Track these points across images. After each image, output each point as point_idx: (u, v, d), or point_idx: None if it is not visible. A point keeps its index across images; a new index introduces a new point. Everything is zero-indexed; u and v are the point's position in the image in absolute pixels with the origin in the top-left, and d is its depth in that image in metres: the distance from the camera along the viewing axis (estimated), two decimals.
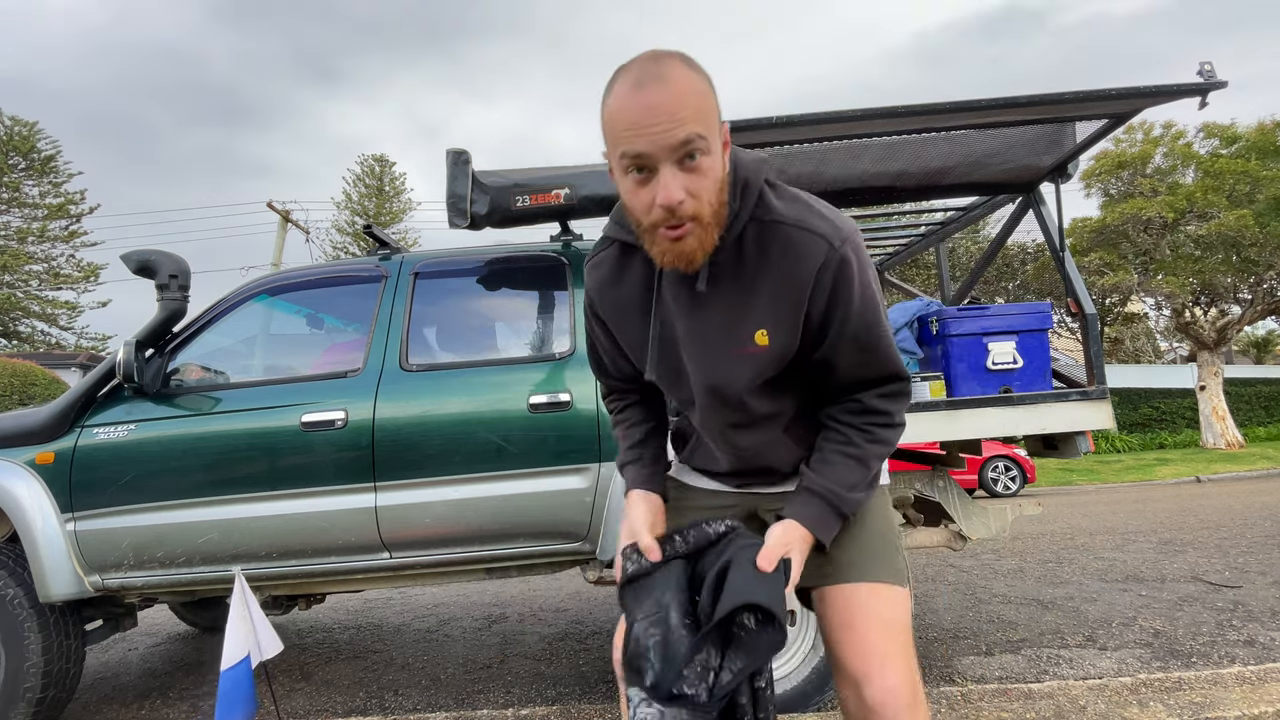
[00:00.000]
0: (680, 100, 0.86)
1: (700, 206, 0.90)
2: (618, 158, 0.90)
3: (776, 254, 0.99)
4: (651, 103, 0.85)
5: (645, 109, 0.85)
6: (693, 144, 0.86)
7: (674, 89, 0.86)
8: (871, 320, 1.02)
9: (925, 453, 3.34)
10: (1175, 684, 2.35)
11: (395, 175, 32.09)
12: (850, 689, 1.06)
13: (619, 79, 0.90)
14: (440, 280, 2.79)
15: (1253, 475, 12.38)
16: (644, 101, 0.86)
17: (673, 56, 0.90)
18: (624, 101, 0.87)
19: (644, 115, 0.85)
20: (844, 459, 1.07)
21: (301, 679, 3.22)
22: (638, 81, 0.87)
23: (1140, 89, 2.19)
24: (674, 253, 0.94)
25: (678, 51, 0.92)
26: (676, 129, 0.85)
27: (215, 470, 2.47)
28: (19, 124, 26.61)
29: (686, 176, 0.88)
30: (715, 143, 0.90)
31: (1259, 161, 14.57)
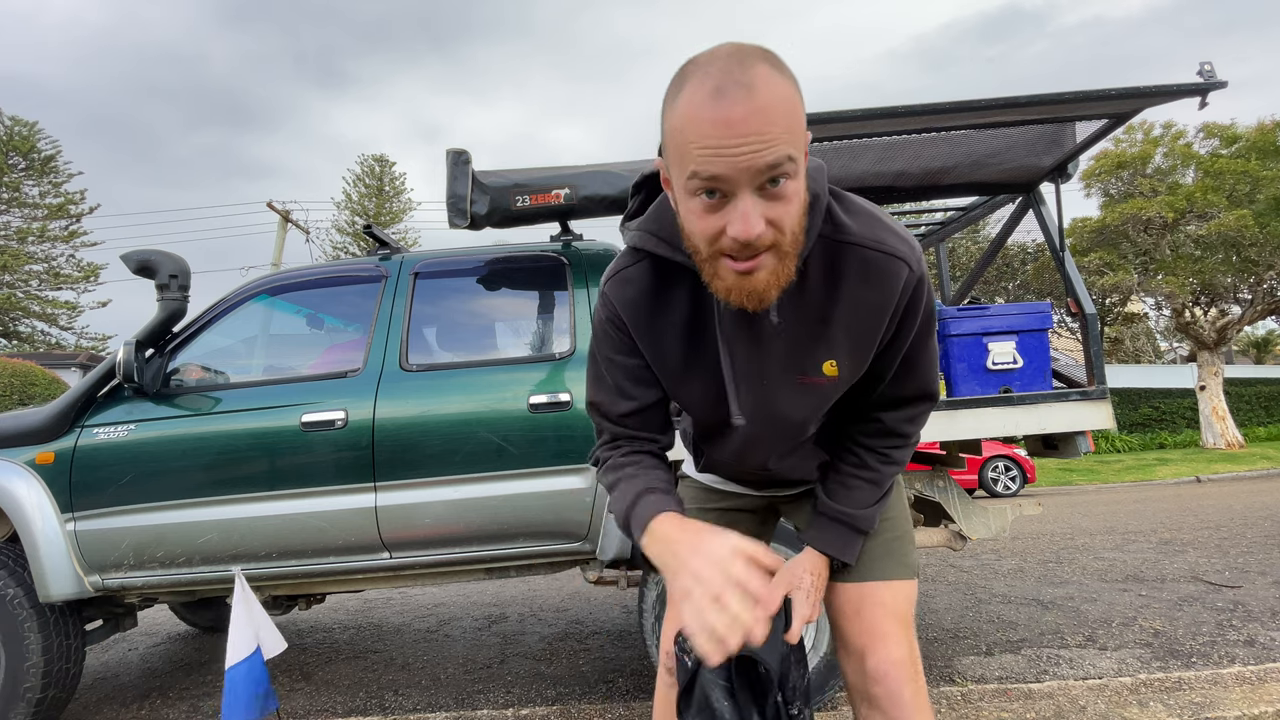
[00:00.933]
0: (769, 117, 0.71)
1: (781, 237, 0.77)
2: (685, 175, 0.75)
3: (853, 279, 0.89)
4: (736, 118, 0.71)
5: (727, 126, 0.71)
6: (780, 168, 0.73)
7: (762, 101, 0.71)
8: (927, 340, 0.99)
9: (925, 453, 3.34)
10: (1175, 684, 2.35)
11: (395, 175, 32.10)
12: (853, 662, 1.09)
13: (693, 79, 0.74)
14: (440, 280, 2.79)
15: (1253, 475, 12.38)
16: (727, 116, 0.71)
17: (759, 57, 0.74)
18: (700, 111, 0.72)
19: (726, 134, 0.71)
20: (860, 482, 1.06)
21: (301, 679, 3.22)
22: (719, 89, 0.71)
23: (1140, 89, 2.19)
24: (742, 289, 0.80)
25: (763, 49, 0.76)
26: (764, 152, 0.71)
27: (215, 470, 2.47)
28: (19, 124, 26.62)
29: (768, 204, 0.74)
30: (802, 162, 0.76)
31: (1259, 161, 14.57)
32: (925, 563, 5.18)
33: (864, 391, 1.04)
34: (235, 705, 2.00)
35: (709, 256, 0.79)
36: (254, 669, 2.05)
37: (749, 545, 0.80)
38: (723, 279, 0.80)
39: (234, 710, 1.99)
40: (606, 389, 1.03)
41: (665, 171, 0.82)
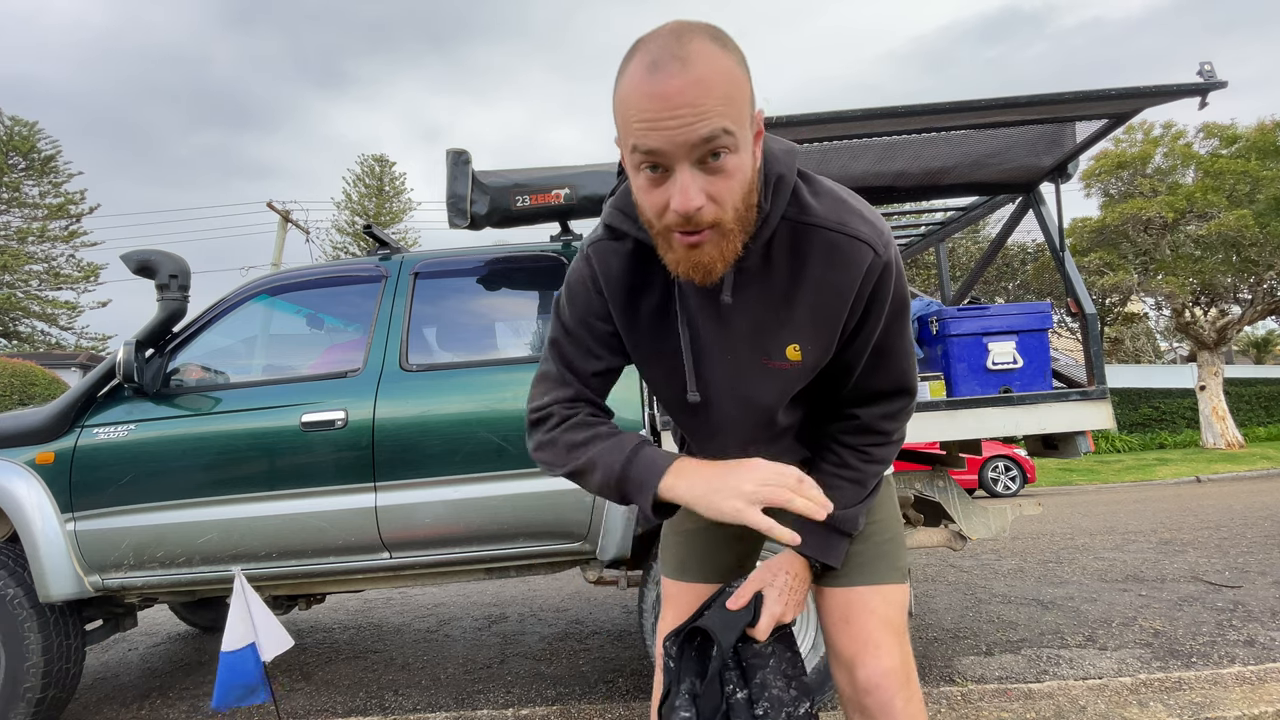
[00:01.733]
0: (704, 88, 0.71)
1: (722, 212, 0.77)
2: (629, 150, 0.76)
3: (816, 262, 0.88)
4: (668, 91, 0.71)
5: (663, 99, 0.71)
6: (717, 141, 0.73)
7: (696, 73, 0.71)
8: (898, 329, 0.96)
9: (925, 453, 3.34)
10: (1175, 684, 2.35)
11: (395, 175, 32.10)
12: (844, 673, 1.06)
13: (634, 56, 0.75)
14: (440, 280, 2.79)
15: (1253, 475, 12.38)
16: (660, 89, 0.71)
17: (699, 30, 0.74)
18: (638, 85, 0.73)
19: (661, 106, 0.71)
20: (842, 482, 1.02)
21: (301, 679, 3.22)
22: (654, 63, 0.72)
23: (1140, 89, 2.19)
24: (689, 262, 0.81)
25: (706, 24, 0.76)
26: (698, 124, 0.71)
27: (215, 470, 2.47)
28: (19, 124, 26.62)
29: (708, 178, 0.75)
30: (745, 136, 0.76)
31: (1259, 161, 14.57)
32: (925, 563, 5.18)
33: (837, 384, 1.01)
34: (221, 688, 2.02)
35: (660, 231, 0.81)
36: (243, 661, 2.06)
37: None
38: (674, 251, 0.81)
39: (224, 694, 2.02)
40: (578, 348, 1.00)
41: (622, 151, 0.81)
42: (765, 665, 1.00)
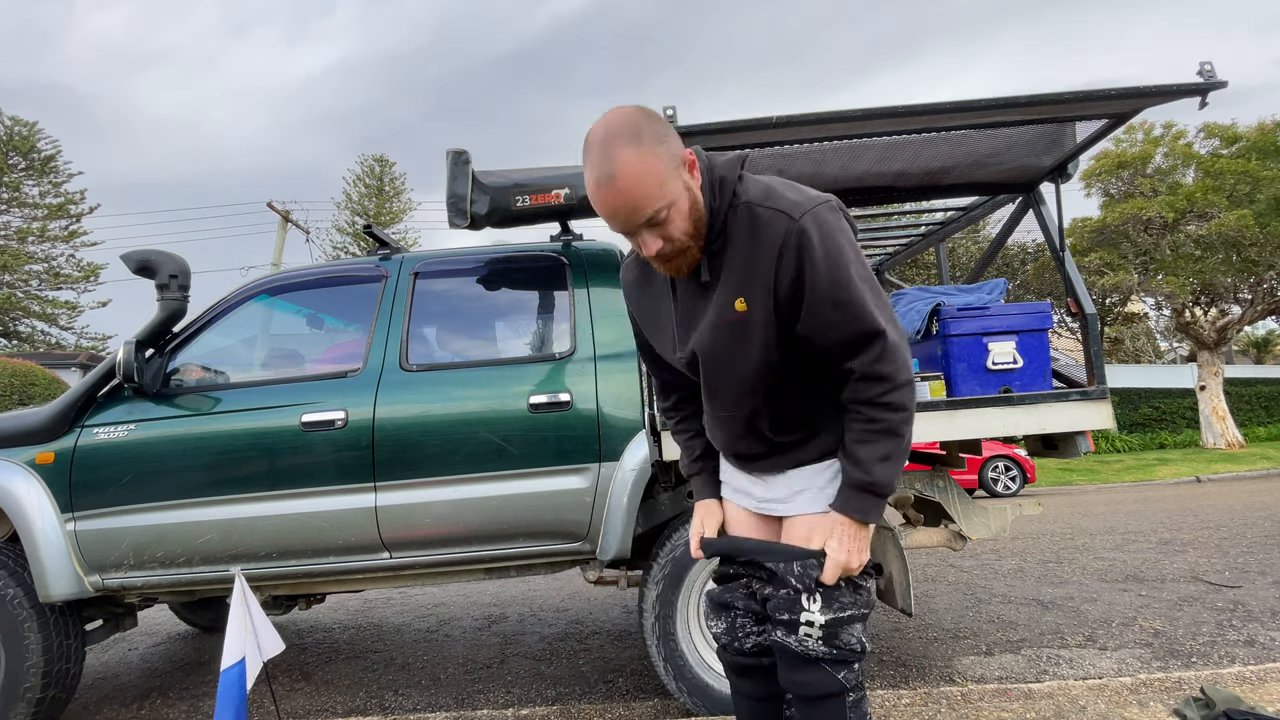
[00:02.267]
0: (632, 192, 1.04)
1: (675, 243, 1.12)
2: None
3: (747, 230, 1.13)
4: (608, 202, 1.06)
5: (606, 206, 1.07)
6: (653, 217, 1.08)
7: (624, 185, 1.04)
8: (840, 278, 1.10)
9: (925, 453, 3.34)
10: (1175, 684, 2.35)
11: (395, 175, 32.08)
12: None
13: (585, 163, 1.07)
14: (440, 280, 2.79)
15: (1253, 475, 12.38)
16: (604, 199, 1.06)
17: (620, 140, 1.04)
18: (592, 194, 1.08)
19: (609, 210, 1.08)
20: (864, 439, 1.16)
21: (301, 679, 3.22)
22: (596, 181, 1.06)
23: (1140, 89, 2.19)
24: (669, 269, 1.19)
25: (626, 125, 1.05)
26: (635, 215, 1.07)
27: (215, 470, 2.47)
28: (19, 124, 26.60)
29: (657, 230, 1.10)
30: (675, 191, 1.08)
31: (1259, 161, 14.56)
32: (925, 563, 5.18)
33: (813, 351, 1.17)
34: (226, 707, 1.99)
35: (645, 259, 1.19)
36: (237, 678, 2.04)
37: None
38: (658, 267, 1.20)
39: (225, 711, 1.99)
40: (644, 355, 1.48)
41: None
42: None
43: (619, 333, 2.62)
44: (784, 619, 1.22)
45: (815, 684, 1.20)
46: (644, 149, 1.04)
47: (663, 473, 2.50)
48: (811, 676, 1.20)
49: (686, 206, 1.10)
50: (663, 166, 1.06)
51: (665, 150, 1.07)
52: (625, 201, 1.05)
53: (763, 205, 1.12)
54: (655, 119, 1.09)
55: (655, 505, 2.62)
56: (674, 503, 2.63)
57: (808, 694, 1.21)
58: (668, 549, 2.43)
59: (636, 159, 1.03)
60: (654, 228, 1.10)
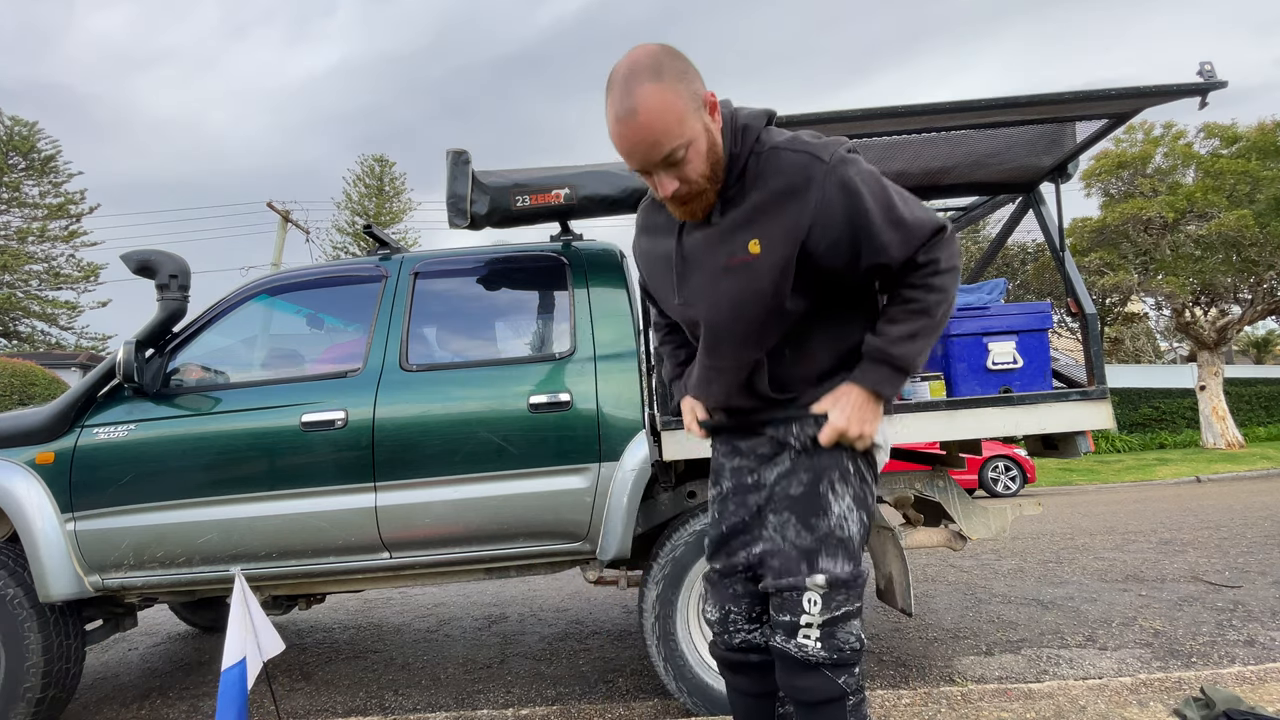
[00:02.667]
0: (652, 127, 1.04)
1: (691, 185, 1.12)
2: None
3: (772, 174, 1.13)
4: (630, 137, 1.06)
5: (626, 140, 1.06)
6: (671, 155, 1.07)
7: (645, 119, 1.04)
8: (889, 201, 1.12)
9: (925, 453, 3.34)
10: (1175, 684, 2.35)
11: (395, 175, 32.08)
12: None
13: (607, 101, 1.07)
14: (440, 280, 2.79)
15: (1253, 475, 12.38)
16: (623, 134, 1.06)
17: (643, 76, 1.04)
18: (612, 130, 1.08)
19: (628, 146, 1.07)
20: (895, 318, 1.19)
21: (301, 679, 3.22)
22: (617, 116, 1.06)
23: (1140, 89, 2.19)
24: (684, 213, 1.19)
25: (649, 61, 1.05)
26: (653, 151, 1.06)
27: (215, 470, 2.47)
28: (19, 124, 26.60)
29: (675, 170, 1.10)
30: (695, 130, 1.08)
31: (1259, 161, 14.57)
32: (925, 563, 5.18)
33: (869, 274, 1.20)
34: (228, 707, 1.99)
35: (661, 200, 1.18)
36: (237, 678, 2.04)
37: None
38: (674, 211, 1.20)
39: (227, 711, 1.99)
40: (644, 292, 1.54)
41: None
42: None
43: (619, 333, 2.62)
44: (784, 620, 1.21)
45: (815, 689, 1.19)
46: (665, 85, 1.04)
47: (663, 473, 2.50)
48: (812, 682, 1.19)
49: (705, 147, 1.10)
50: (683, 104, 1.05)
51: (686, 88, 1.06)
52: (645, 136, 1.05)
53: (789, 149, 1.13)
54: (678, 57, 1.08)
55: (655, 505, 2.62)
56: (674, 503, 2.63)
57: (808, 699, 1.20)
58: (668, 549, 2.43)
59: (657, 94, 1.03)
60: (671, 167, 1.09)
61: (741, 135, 1.16)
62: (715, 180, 1.14)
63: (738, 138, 1.15)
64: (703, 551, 2.42)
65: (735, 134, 1.15)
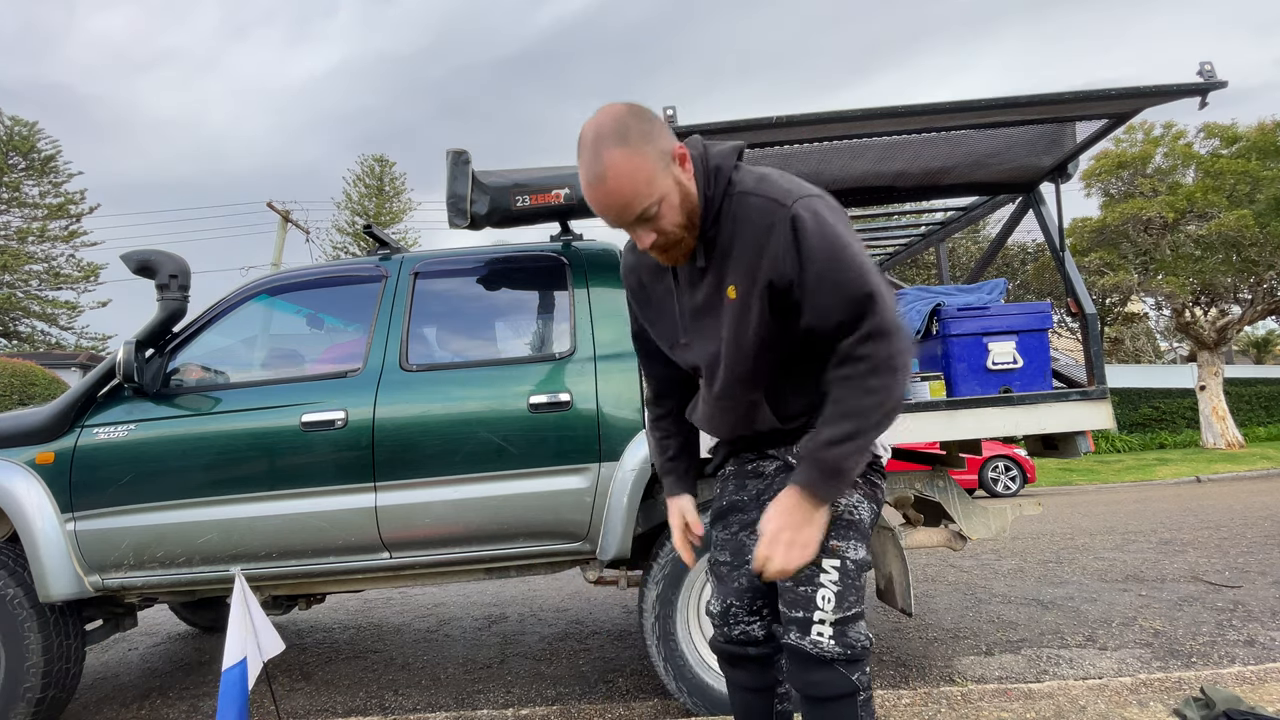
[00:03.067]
0: (621, 192, 1.07)
1: (669, 235, 1.14)
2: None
3: (742, 219, 1.16)
4: (602, 203, 1.09)
5: (600, 206, 1.10)
6: (645, 213, 1.10)
7: (614, 184, 1.07)
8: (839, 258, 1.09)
9: (925, 453, 3.34)
10: (1175, 684, 2.35)
11: (395, 175, 32.08)
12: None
13: (579, 161, 1.11)
14: (440, 280, 2.79)
15: (1253, 475, 12.38)
16: (595, 199, 1.10)
17: (608, 141, 1.07)
18: (585, 193, 1.11)
19: (600, 209, 1.11)
20: (830, 417, 1.11)
21: (301, 679, 3.22)
22: (587, 181, 1.09)
23: (1140, 89, 2.19)
24: (666, 260, 1.22)
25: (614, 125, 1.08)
26: (626, 213, 1.10)
27: (215, 470, 2.47)
28: (19, 124, 26.59)
29: (651, 225, 1.12)
30: (665, 188, 1.10)
31: (1259, 161, 14.56)
32: (925, 563, 5.18)
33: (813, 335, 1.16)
34: (229, 707, 1.99)
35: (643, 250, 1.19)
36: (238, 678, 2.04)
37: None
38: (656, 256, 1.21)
39: (228, 711, 1.99)
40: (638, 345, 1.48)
41: None
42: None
43: (619, 333, 2.62)
44: (798, 616, 1.21)
45: (829, 684, 1.20)
46: (631, 149, 1.07)
47: None
48: (825, 676, 1.20)
49: (678, 200, 1.13)
50: (650, 165, 1.08)
51: (653, 148, 1.09)
52: (615, 200, 1.08)
53: (755, 194, 1.14)
54: (643, 117, 1.10)
55: (655, 505, 2.62)
56: None
57: (821, 695, 1.20)
58: (668, 549, 2.43)
59: (624, 159, 1.06)
60: (646, 222, 1.12)
61: (714, 177, 1.18)
62: (692, 227, 1.17)
63: (710, 180, 1.18)
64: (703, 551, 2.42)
65: (708, 177, 1.18)
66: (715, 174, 1.18)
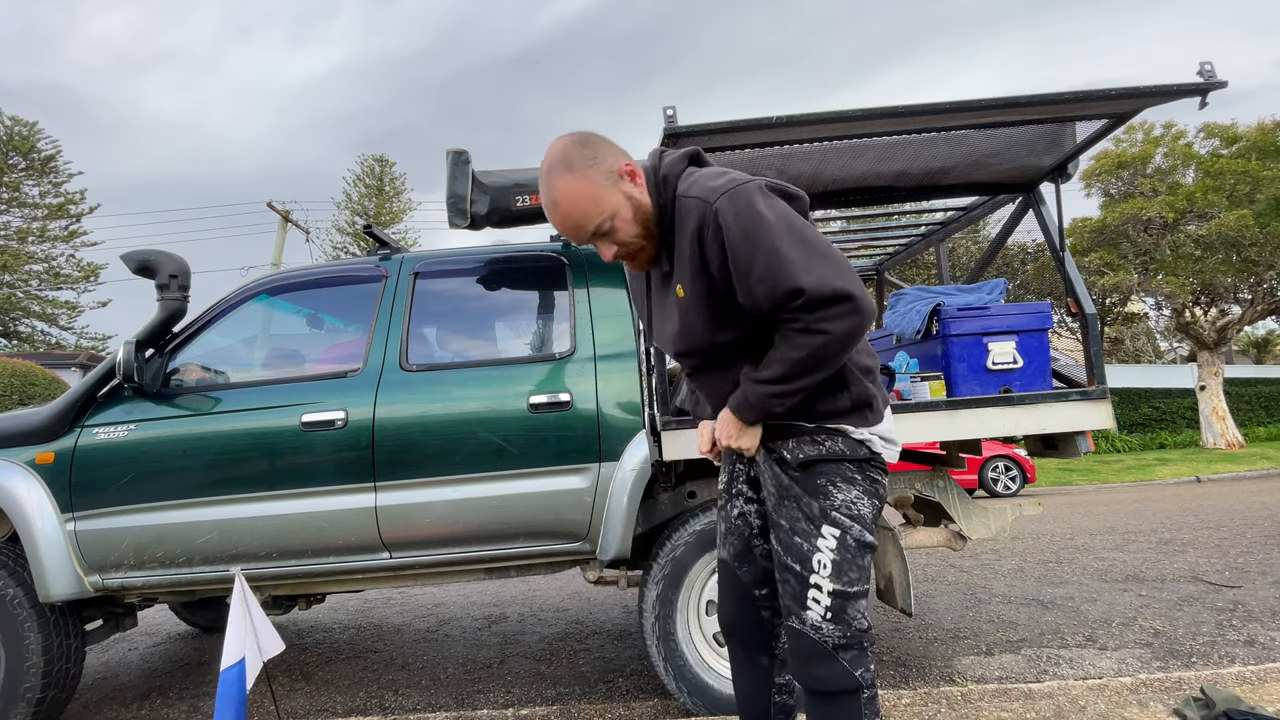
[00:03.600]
0: (572, 214, 1.20)
1: (629, 245, 1.26)
2: None
3: (680, 220, 1.24)
4: (559, 223, 1.23)
5: (559, 227, 1.25)
6: (599, 229, 1.22)
7: (565, 208, 1.20)
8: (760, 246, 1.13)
9: (925, 453, 3.34)
10: (1175, 684, 2.35)
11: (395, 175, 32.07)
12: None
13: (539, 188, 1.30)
14: (440, 280, 2.79)
15: (1253, 475, 12.38)
16: (555, 222, 1.24)
17: (556, 170, 1.19)
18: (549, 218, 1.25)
19: (559, 229, 1.25)
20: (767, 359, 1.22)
21: (301, 679, 3.22)
22: (546, 208, 1.24)
23: (1140, 89, 2.19)
24: (635, 267, 1.35)
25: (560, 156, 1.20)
26: (581, 231, 1.22)
27: (215, 470, 2.47)
28: (19, 124, 26.59)
29: (609, 239, 1.24)
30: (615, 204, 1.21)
31: (1259, 161, 14.56)
32: (925, 563, 5.18)
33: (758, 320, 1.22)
34: (226, 707, 1.99)
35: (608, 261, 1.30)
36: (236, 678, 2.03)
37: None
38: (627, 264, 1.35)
39: (225, 711, 1.99)
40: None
41: None
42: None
43: (619, 333, 2.62)
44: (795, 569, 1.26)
45: (832, 679, 1.21)
46: (576, 175, 1.19)
47: (663, 473, 2.50)
48: (828, 671, 1.21)
49: (630, 214, 1.22)
50: (595, 186, 1.19)
51: (597, 171, 1.20)
52: (570, 221, 1.21)
53: (688, 195, 1.21)
54: (587, 143, 1.21)
55: (655, 505, 2.62)
56: (674, 503, 2.63)
57: (824, 689, 1.22)
58: (668, 549, 2.43)
59: (570, 184, 1.19)
60: (603, 237, 1.23)
61: (663, 186, 1.26)
62: (650, 235, 1.26)
63: (660, 190, 1.26)
64: (703, 551, 2.42)
65: (659, 186, 1.26)
66: (663, 183, 1.26)
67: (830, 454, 1.27)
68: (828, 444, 1.27)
